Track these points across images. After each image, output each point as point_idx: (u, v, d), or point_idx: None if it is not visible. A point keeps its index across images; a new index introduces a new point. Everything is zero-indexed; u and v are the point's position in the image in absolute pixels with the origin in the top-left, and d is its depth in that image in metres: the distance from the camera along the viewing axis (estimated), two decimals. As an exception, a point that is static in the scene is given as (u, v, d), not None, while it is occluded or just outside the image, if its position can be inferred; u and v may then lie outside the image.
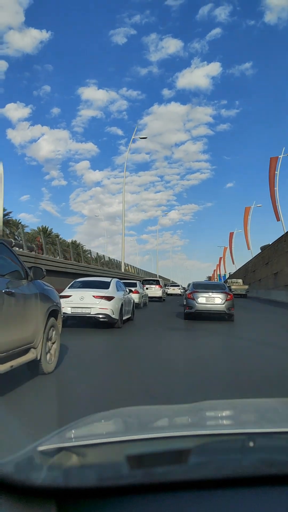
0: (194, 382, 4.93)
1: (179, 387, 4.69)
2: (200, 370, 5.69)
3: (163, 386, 4.69)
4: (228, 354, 7.45)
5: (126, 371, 5.53)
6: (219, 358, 6.83)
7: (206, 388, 4.59)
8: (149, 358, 6.61)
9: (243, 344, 8.65)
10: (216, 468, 0.83)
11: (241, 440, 0.93)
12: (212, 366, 6.01)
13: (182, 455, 0.88)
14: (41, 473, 0.82)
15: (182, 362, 6.35)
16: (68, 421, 1.24)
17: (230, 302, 13.10)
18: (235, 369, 5.83)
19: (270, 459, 0.88)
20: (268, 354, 7.18)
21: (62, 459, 0.89)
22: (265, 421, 1.33)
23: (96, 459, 0.93)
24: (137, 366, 5.92)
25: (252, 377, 5.25)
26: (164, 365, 5.93)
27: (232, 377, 5.28)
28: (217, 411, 1.53)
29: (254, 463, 0.86)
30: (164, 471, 0.82)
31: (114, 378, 5.14)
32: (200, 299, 13.04)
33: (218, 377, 5.30)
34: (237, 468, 0.83)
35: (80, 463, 0.90)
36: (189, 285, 15.14)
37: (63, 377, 4.90)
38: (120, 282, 12.43)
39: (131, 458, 0.87)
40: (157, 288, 26.22)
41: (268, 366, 6.12)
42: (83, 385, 4.61)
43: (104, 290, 10.52)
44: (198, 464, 0.85)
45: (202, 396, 3.87)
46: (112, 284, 11.00)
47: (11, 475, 0.78)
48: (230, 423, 1.41)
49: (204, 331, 10.79)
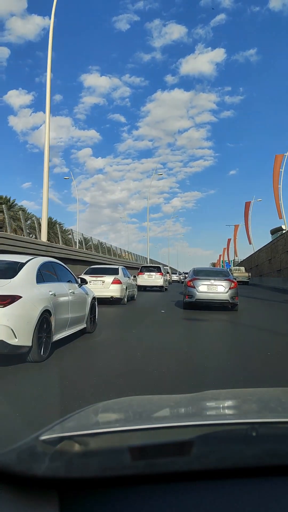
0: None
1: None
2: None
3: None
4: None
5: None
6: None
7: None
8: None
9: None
10: (218, 458, 0.82)
11: (243, 430, 0.92)
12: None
13: (184, 445, 0.88)
14: (43, 463, 0.82)
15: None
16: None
17: (234, 290, 12.04)
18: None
19: (273, 449, 0.88)
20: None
21: (64, 449, 0.88)
22: (268, 411, 1.33)
23: (98, 448, 0.92)
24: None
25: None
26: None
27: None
28: (219, 401, 1.53)
29: (256, 453, 0.86)
30: (166, 461, 0.82)
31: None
32: (201, 287, 12.00)
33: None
34: (239, 458, 0.83)
35: (82, 453, 0.89)
36: (189, 272, 13.90)
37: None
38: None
39: (133, 448, 0.86)
40: (158, 276, 23.28)
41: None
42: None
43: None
44: (200, 454, 0.85)
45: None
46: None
47: (12, 465, 0.78)
48: (232, 413, 1.41)
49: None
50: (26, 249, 17.28)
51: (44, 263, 5.88)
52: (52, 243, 22.95)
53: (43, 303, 5.02)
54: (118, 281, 13.60)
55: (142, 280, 22.99)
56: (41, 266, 5.63)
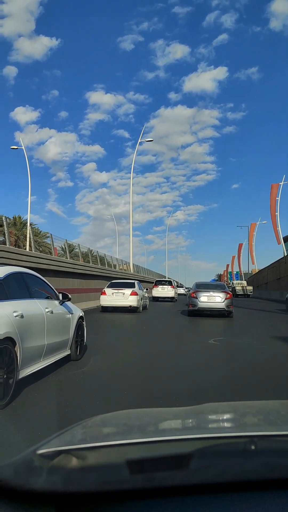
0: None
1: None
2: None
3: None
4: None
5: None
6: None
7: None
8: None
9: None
10: (217, 472, 0.82)
11: (242, 444, 0.92)
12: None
13: (183, 459, 0.87)
14: (41, 477, 0.81)
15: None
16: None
17: (229, 300, 14.63)
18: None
19: (272, 463, 0.87)
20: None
21: (61, 463, 0.87)
22: (267, 424, 1.32)
23: (96, 462, 0.91)
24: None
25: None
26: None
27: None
28: (218, 414, 1.52)
29: (256, 467, 0.85)
30: (164, 475, 0.81)
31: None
32: (202, 297, 14.49)
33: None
34: (238, 472, 0.82)
35: (80, 467, 0.88)
36: (193, 285, 16.72)
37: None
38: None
39: (132, 462, 0.85)
40: (170, 289, 27.02)
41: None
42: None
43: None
44: (199, 468, 0.84)
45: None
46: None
47: (10, 479, 0.77)
48: (231, 426, 1.39)
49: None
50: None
51: (11, 274, 4.52)
52: (25, 250, 18.22)
53: (1, 329, 3.74)
54: (135, 293, 16.46)
55: (157, 292, 26.74)
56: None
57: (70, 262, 18.29)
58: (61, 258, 18.75)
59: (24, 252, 14.29)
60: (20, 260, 12.38)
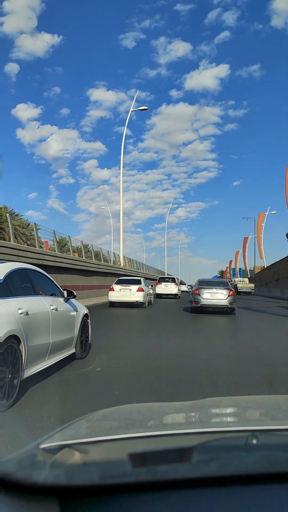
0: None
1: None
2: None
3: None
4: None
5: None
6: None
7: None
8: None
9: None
10: (219, 465, 0.82)
11: (244, 438, 0.92)
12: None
13: (185, 452, 0.88)
14: (44, 471, 0.81)
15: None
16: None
17: (232, 297, 14.45)
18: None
19: (274, 457, 0.88)
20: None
21: (64, 457, 0.88)
22: (268, 418, 1.32)
23: (98, 456, 0.92)
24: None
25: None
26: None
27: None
28: (219, 408, 1.52)
29: (257, 460, 0.85)
30: (167, 468, 0.81)
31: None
32: (205, 294, 14.44)
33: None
34: (240, 465, 0.82)
35: (83, 461, 0.89)
36: (196, 282, 16.79)
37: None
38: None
39: (134, 456, 0.86)
40: (173, 286, 27.53)
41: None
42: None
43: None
44: (201, 461, 0.85)
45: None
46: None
47: (13, 473, 0.78)
48: (233, 420, 1.40)
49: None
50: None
51: (15, 271, 4.40)
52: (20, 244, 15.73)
53: (6, 327, 3.60)
54: (141, 289, 17.48)
55: (160, 289, 27.27)
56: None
57: (60, 255, 17.18)
58: (43, 250, 17.09)
59: (6, 245, 12.62)
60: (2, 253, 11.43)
